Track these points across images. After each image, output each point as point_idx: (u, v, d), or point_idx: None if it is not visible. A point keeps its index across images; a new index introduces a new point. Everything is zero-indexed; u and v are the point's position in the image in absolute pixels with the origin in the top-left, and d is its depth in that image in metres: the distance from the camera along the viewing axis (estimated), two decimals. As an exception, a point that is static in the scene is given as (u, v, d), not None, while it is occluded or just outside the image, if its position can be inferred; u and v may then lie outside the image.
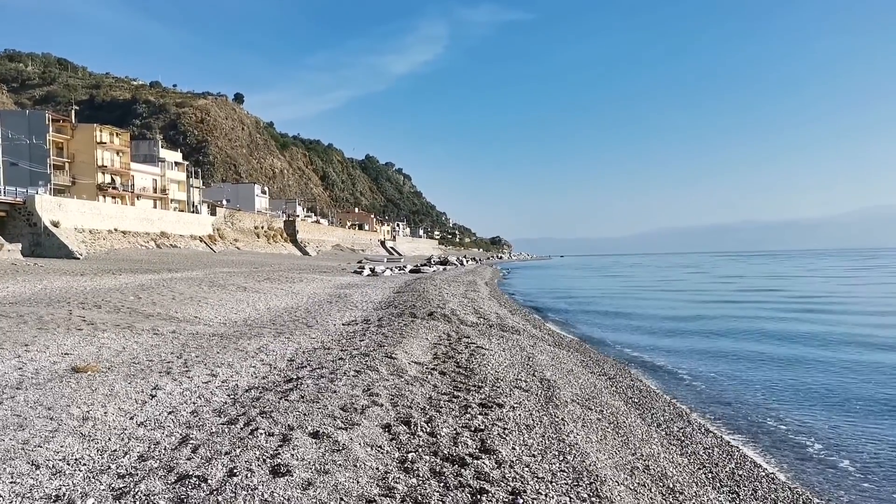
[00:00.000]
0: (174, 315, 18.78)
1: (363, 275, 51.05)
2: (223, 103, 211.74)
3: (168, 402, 8.90)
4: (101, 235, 64.72)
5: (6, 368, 10.36)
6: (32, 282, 26.73)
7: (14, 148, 68.99)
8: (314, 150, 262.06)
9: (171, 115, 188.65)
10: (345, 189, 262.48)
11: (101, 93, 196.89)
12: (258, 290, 28.72)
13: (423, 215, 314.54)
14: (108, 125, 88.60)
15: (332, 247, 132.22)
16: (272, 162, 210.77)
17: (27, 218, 56.45)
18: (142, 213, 76.77)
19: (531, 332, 20.98)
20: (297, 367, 11.65)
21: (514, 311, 30.75)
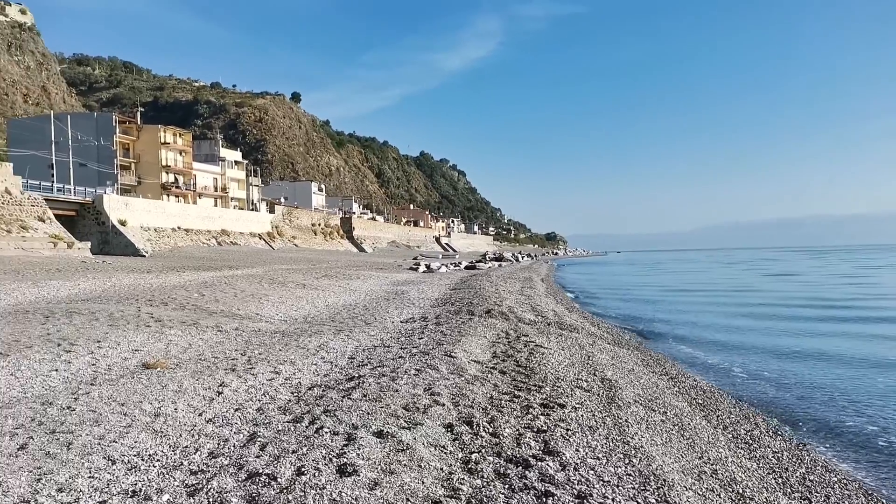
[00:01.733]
0: (236, 312, 19.16)
1: (419, 271, 51.28)
2: (281, 102, 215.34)
3: (234, 399, 9.08)
4: (165, 233, 66.48)
5: (81, 365, 10.72)
6: (102, 279, 27.60)
7: (83, 149, 71.34)
8: (370, 148, 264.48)
9: (231, 115, 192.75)
10: (400, 186, 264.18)
11: (165, 94, 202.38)
12: (317, 287, 29.10)
13: (477, 211, 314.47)
14: (172, 126, 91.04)
15: (388, 243, 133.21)
16: (328, 160, 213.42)
17: (96, 217, 58.33)
18: (203, 211, 78.58)
19: (589, 330, 20.77)
20: (358, 364, 11.76)
21: (572, 308, 30.51)
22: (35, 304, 18.47)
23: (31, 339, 12.48)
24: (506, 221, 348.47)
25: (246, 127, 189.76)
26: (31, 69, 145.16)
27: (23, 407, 8.16)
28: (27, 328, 13.66)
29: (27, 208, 51.18)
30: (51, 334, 13.06)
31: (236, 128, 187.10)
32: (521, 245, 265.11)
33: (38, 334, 13.00)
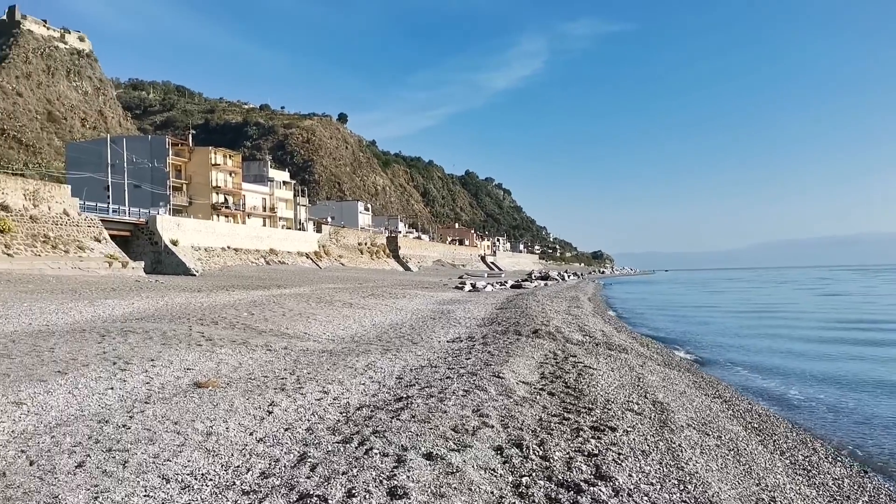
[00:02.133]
0: (285, 331, 19.36)
1: (464, 290, 51.25)
2: (328, 123, 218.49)
3: (284, 419, 9.14)
4: (215, 253, 67.70)
5: (136, 383, 10.92)
6: (155, 298, 28.18)
7: (137, 171, 73.28)
8: (415, 167, 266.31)
9: (280, 136, 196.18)
10: (445, 205, 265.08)
11: (216, 117, 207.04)
12: (363, 306, 29.27)
13: (523, 230, 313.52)
14: (222, 147, 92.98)
15: (433, 262, 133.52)
16: (375, 179, 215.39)
17: (149, 237, 59.71)
18: (252, 231, 79.88)
19: (639, 351, 20.46)
20: (406, 385, 11.76)
21: (620, 328, 30.12)
22: (91, 322, 18.93)
23: (88, 357, 12.77)
24: (551, 240, 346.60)
25: (294, 148, 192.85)
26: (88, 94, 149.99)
27: (80, 425, 8.34)
28: (84, 347, 13.99)
29: (84, 229, 52.64)
30: (107, 353, 13.35)
31: (284, 149, 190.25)
32: (566, 264, 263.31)
33: (94, 353, 13.31)
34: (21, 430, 8.10)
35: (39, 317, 20.29)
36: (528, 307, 32.68)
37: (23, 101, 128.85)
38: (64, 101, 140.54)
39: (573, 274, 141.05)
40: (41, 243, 47.38)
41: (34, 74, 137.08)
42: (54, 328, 17.40)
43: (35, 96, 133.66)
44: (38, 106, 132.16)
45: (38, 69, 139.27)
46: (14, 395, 9.58)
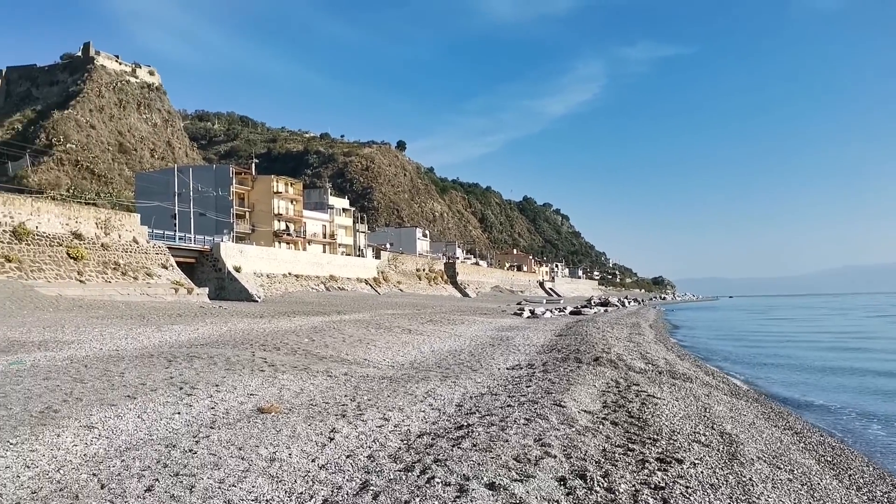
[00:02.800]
0: (345, 357, 19.50)
1: (523, 317, 50.91)
2: (386, 151, 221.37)
3: (345, 446, 9.17)
4: (277, 279, 68.90)
5: (201, 408, 11.12)
6: (219, 324, 28.77)
7: (203, 199, 75.33)
8: (473, 193, 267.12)
9: (339, 164, 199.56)
10: (503, 230, 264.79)
11: (277, 146, 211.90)
12: (422, 333, 29.32)
13: (581, 256, 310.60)
14: (284, 176, 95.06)
15: (491, 288, 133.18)
16: (432, 206, 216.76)
17: (213, 264, 61.16)
18: (312, 257, 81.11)
19: (704, 380, 19.94)
20: (467, 413, 11.68)
21: (683, 356, 29.44)
22: (159, 348, 19.42)
23: (156, 382, 13.08)
24: (611, 266, 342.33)
25: (353, 175, 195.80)
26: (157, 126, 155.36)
27: (149, 449, 8.52)
28: (152, 372, 14.34)
29: (152, 256, 54.24)
30: (173, 378, 13.65)
31: (344, 176, 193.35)
32: (626, 290, 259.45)
33: (161, 378, 13.62)
34: (93, 453, 8.31)
35: (110, 342, 20.91)
36: (588, 334, 32.26)
37: (96, 134, 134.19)
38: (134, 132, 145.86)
39: (633, 300, 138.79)
40: (111, 270, 48.97)
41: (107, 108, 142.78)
42: (124, 353, 17.90)
43: (107, 129, 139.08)
44: (109, 138, 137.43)
45: (111, 102, 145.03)
46: (86, 418, 9.85)
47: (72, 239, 47.67)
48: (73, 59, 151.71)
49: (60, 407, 10.44)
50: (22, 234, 43.93)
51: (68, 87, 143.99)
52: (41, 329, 24.65)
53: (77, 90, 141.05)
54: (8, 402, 10.60)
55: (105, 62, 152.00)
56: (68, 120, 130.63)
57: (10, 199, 46.39)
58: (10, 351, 17.95)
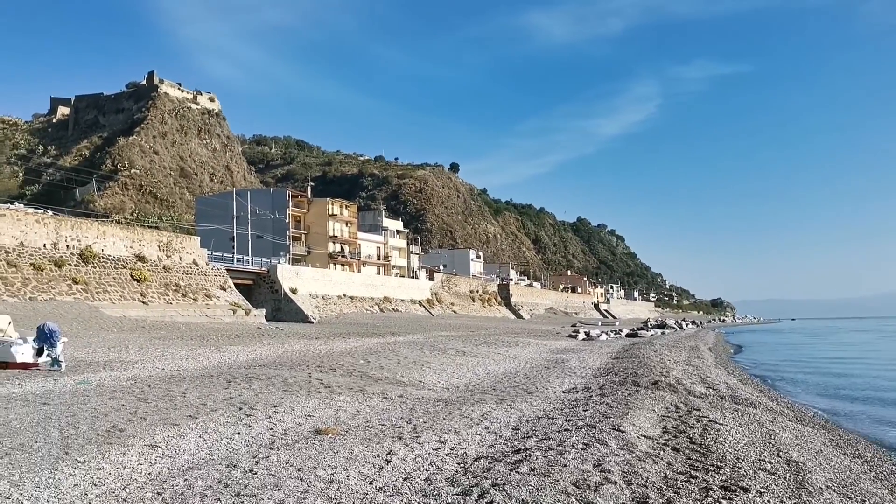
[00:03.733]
0: (400, 379, 19.54)
1: (578, 339, 50.36)
2: (440, 173, 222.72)
3: (402, 468, 9.15)
4: (332, 301, 69.62)
5: (260, 429, 11.26)
6: (276, 345, 29.19)
7: (260, 222, 76.83)
8: (526, 215, 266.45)
9: (393, 187, 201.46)
10: (557, 252, 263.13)
11: (332, 169, 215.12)
12: (476, 355, 29.22)
13: (637, 277, 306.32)
14: (339, 198, 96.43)
15: (546, 310, 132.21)
16: (486, 227, 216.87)
17: (270, 285, 62.18)
18: (367, 279, 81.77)
19: (767, 406, 19.36)
20: (523, 436, 11.56)
21: (745, 380, 28.67)
22: (218, 368, 19.77)
23: (216, 402, 13.31)
24: (667, 287, 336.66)
25: (407, 197, 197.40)
26: (217, 151, 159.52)
27: (211, 468, 8.65)
28: (212, 392, 14.60)
29: (211, 278, 55.44)
30: (233, 398, 13.87)
31: (398, 198, 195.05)
32: (684, 312, 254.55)
33: (221, 398, 13.85)
34: (157, 472, 8.48)
35: (171, 362, 21.39)
36: (645, 357, 31.70)
37: (158, 159, 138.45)
38: (195, 157, 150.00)
39: (691, 322, 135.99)
40: (172, 292, 50.19)
41: (169, 133, 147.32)
42: (185, 373, 18.28)
43: (169, 154, 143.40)
44: (171, 163, 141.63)
45: (173, 129, 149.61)
46: (150, 437, 10.07)
47: (135, 261, 49.07)
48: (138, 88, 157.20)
49: (126, 426, 10.69)
50: (89, 257, 45.42)
51: (133, 114, 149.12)
52: (106, 349, 25.37)
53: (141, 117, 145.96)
54: (76, 421, 10.90)
55: (168, 90, 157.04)
56: (133, 146, 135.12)
57: (77, 223, 48.08)
58: (78, 371, 18.50)
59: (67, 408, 12.09)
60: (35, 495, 7.32)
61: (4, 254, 40.67)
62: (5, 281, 39.42)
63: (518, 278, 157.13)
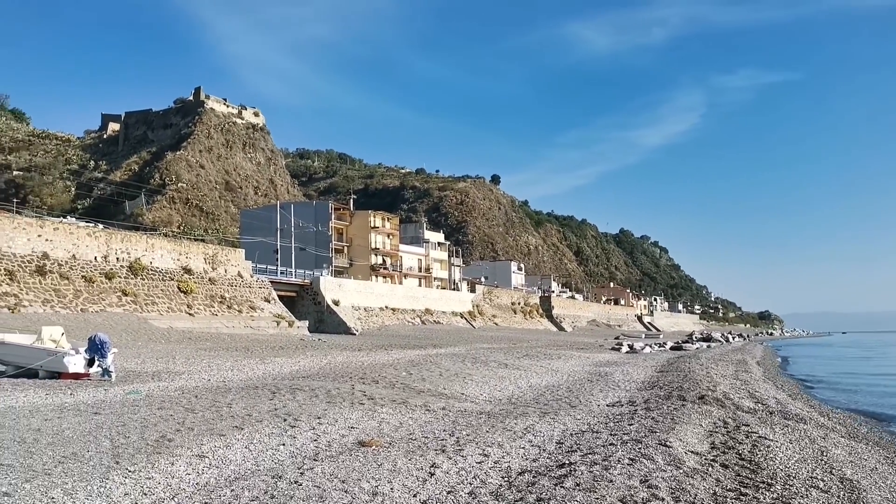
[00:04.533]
0: (442, 391, 19.52)
1: (621, 352, 49.78)
2: (481, 185, 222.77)
3: (446, 481, 9.13)
4: (374, 312, 69.96)
5: (304, 440, 11.34)
6: (319, 357, 29.42)
7: (303, 235, 77.69)
8: (567, 226, 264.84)
9: (434, 199, 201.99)
10: (599, 264, 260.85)
11: (374, 182, 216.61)
12: (518, 367, 29.07)
13: (681, 289, 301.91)
14: (380, 211, 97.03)
15: (588, 322, 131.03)
16: (527, 239, 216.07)
17: (313, 297, 62.74)
18: (408, 291, 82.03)
19: (819, 421, 18.87)
20: (567, 450, 11.45)
21: (795, 395, 28.01)
22: (263, 380, 20.00)
23: (261, 413, 13.45)
24: (713, 299, 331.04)
25: (448, 209, 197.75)
26: (261, 165, 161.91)
27: (257, 479, 8.73)
28: (257, 403, 14.76)
29: (255, 290, 56.18)
30: (277, 410, 14.01)
31: (439, 210, 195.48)
32: (730, 324, 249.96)
33: (266, 409, 13.99)
34: (204, 482, 8.59)
35: (217, 373, 21.70)
36: (691, 370, 31.19)
37: (205, 173, 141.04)
38: (240, 171, 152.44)
39: (738, 335, 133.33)
40: (218, 303, 50.97)
41: (215, 148, 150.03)
42: (230, 384, 18.52)
43: (215, 168, 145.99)
44: (217, 177, 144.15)
45: (219, 143, 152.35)
46: (198, 447, 10.21)
47: (182, 273, 49.98)
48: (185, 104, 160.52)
49: (174, 436, 10.87)
50: (137, 269, 46.41)
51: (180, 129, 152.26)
52: (154, 360, 25.85)
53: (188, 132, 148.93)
54: (126, 431, 11.11)
55: (214, 105, 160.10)
56: (180, 160, 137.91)
57: (127, 237, 49.20)
58: (127, 381, 18.88)
59: (118, 417, 12.34)
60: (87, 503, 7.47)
61: (58, 266, 41.79)
62: (58, 293, 40.49)
63: (560, 290, 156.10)
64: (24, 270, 39.94)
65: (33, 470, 8.52)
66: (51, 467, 8.69)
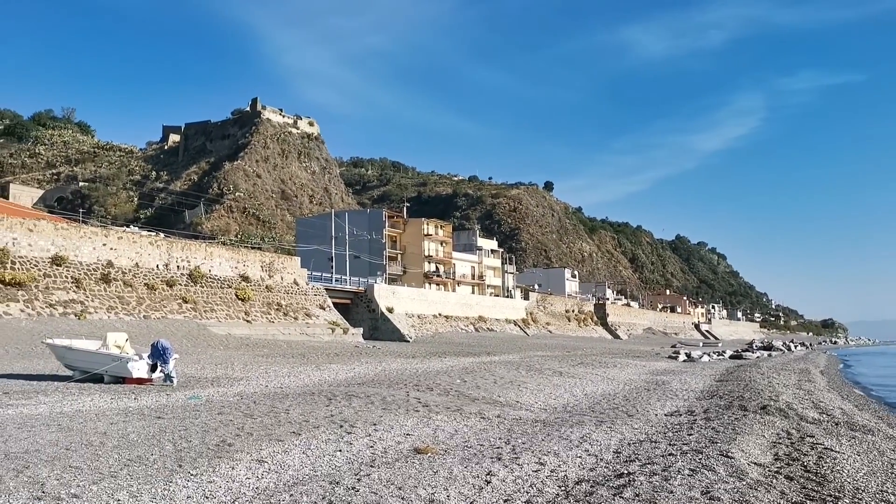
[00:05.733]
0: (497, 399, 19.44)
1: (678, 360, 48.86)
2: (534, 192, 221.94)
3: (502, 490, 9.07)
4: (427, 320, 70.17)
5: (360, 446, 11.41)
6: (373, 364, 29.61)
7: (357, 243, 78.45)
8: (622, 233, 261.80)
9: (487, 206, 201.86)
10: (655, 271, 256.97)
11: (427, 189, 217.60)
12: (573, 375, 28.78)
13: (740, 296, 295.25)
14: (433, 218, 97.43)
15: (643, 330, 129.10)
16: (581, 246, 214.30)
17: (367, 305, 63.25)
18: (462, 298, 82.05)
19: (888, 433, 18.17)
20: (625, 460, 11.27)
21: (861, 405, 27.05)
22: (319, 386, 20.22)
23: (318, 419, 13.59)
24: (773, 307, 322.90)
25: (501, 217, 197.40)
26: (316, 173, 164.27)
27: (314, 485, 8.82)
28: (314, 409, 14.93)
29: (311, 297, 56.92)
30: (334, 416, 14.14)
31: (492, 218, 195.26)
32: (791, 333, 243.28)
33: (323, 415, 14.14)
34: (264, 486, 8.71)
35: (274, 379, 22.03)
36: (751, 380, 30.43)
37: (261, 182, 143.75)
38: (295, 180, 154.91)
39: (800, 344, 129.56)
40: (274, 310, 51.79)
41: (271, 158, 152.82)
42: (287, 390, 18.78)
43: (271, 177, 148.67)
44: (273, 186, 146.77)
45: (275, 153, 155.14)
46: (257, 452, 10.37)
47: (240, 281, 50.95)
48: (243, 114, 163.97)
49: (234, 441, 11.06)
50: (197, 277, 47.49)
51: (238, 139, 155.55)
52: (214, 366, 26.39)
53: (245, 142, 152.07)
54: (188, 435, 11.36)
55: (270, 115, 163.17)
56: (237, 170, 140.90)
57: (187, 245, 50.41)
58: (188, 386, 19.31)
59: (180, 422, 12.62)
60: (152, 506, 7.65)
61: (121, 274, 43.04)
62: (122, 300, 41.69)
63: (614, 297, 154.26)
64: (89, 278, 41.24)
65: (100, 472, 8.76)
66: (116, 470, 8.93)
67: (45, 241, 40.08)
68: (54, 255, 40.01)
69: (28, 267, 38.39)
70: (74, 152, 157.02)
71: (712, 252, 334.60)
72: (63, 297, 38.92)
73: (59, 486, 8.02)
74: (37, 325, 34.48)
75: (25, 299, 36.77)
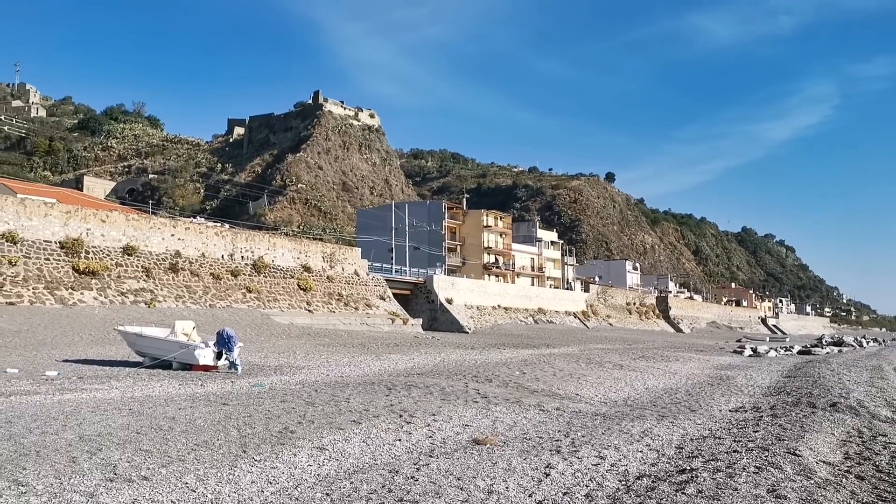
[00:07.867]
0: (556, 391, 19.32)
1: (744, 355, 47.68)
2: (595, 183, 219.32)
3: (562, 483, 9.02)
4: (486, 311, 70.15)
5: (420, 436, 11.50)
6: (433, 354, 29.76)
7: (417, 234, 78.88)
8: (686, 225, 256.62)
9: (547, 197, 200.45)
10: (719, 263, 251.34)
11: (487, 181, 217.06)
12: (634, 369, 28.39)
13: (809, 290, 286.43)
14: (493, 210, 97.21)
15: (707, 324, 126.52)
16: (643, 238, 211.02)
17: (427, 295, 63.59)
18: (521, 290, 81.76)
19: (967, 434, 17.41)
20: (688, 456, 11.07)
21: (939, 405, 25.98)
22: (379, 376, 20.43)
23: (378, 409, 13.74)
24: (844, 301, 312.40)
25: (561, 208, 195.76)
26: (376, 165, 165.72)
27: (374, 473, 8.92)
28: (374, 399, 15.09)
29: (371, 288, 57.51)
30: (393, 405, 14.27)
31: (552, 209, 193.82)
32: (864, 328, 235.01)
33: (382, 405, 14.28)
34: (325, 473, 8.86)
35: (335, 368, 22.35)
36: (821, 376, 29.50)
37: (323, 174, 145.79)
38: (356, 171, 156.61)
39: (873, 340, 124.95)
40: (335, 301, 52.51)
41: (332, 150, 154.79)
42: (347, 380, 19.03)
43: (332, 169, 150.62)
44: (334, 177, 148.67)
45: (336, 145, 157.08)
46: (318, 440, 10.55)
47: (302, 271, 51.81)
48: (305, 107, 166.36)
49: (296, 428, 11.27)
50: (260, 267, 48.47)
51: (300, 132, 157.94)
52: (276, 354, 26.93)
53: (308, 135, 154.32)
54: (252, 422, 11.62)
55: (332, 108, 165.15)
56: (300, 162, 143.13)
57: (251, 236, 51.49)
58: (252, 374, 19.75)
59: (244, 409, 12.92)
60: (217, 489, 7.86)
61: (188, 264, 44.25)
62: (189, 289, 42.87)
63: (677, 290, 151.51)
64: (159, 268, 42.52)
65: (168, 456, 9.04)
66: (184, 454, 9.20)
67: (117, 231, 41.47)
68: (126, 245, 41.36)
69: (101, 257, 39.79)
70: (144, 145, 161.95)
71: (780, 245, 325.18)
72: (134, 285, 40.24)
73: (129, 469, 8.31)
74: (109, 313, 35.75)
75: (98, 288, 38.16)
